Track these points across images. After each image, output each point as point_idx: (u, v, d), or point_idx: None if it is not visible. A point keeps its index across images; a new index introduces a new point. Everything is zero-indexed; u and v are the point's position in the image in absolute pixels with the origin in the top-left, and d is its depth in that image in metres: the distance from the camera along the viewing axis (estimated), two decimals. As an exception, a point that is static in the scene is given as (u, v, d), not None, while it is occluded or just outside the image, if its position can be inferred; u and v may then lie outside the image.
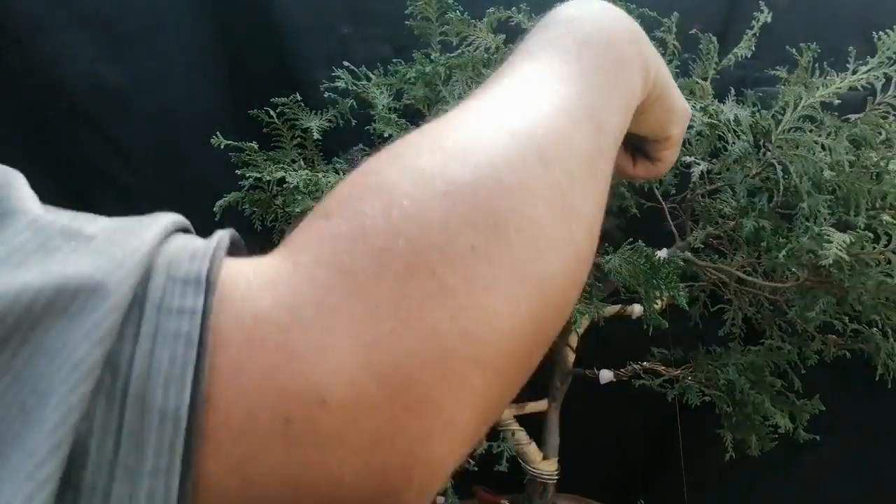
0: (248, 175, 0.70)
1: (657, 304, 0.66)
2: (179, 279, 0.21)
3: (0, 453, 0.18)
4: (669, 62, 0.74)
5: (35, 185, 0.82)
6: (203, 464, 0.19)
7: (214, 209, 0.74)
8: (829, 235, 0.57)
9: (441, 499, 0.72)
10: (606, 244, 0.68)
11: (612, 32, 0.35)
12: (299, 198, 0.60)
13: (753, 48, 0.71)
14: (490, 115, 0.28)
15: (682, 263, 0.63)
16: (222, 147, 0.72)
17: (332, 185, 0.63)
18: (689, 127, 0.68)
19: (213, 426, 0.19)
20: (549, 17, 0.36)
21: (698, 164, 0.64)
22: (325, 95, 0.73)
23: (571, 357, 0.80)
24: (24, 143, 0.86)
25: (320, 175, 0.62)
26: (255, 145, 0.71)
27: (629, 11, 0.70)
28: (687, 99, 0.70)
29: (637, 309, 0.75)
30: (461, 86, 0.68)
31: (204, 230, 0.91)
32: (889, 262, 0.58)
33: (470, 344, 0.22)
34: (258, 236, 0.79)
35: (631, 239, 0.63)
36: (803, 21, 0.81)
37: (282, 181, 0.65)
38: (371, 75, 0.75)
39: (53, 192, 0.87)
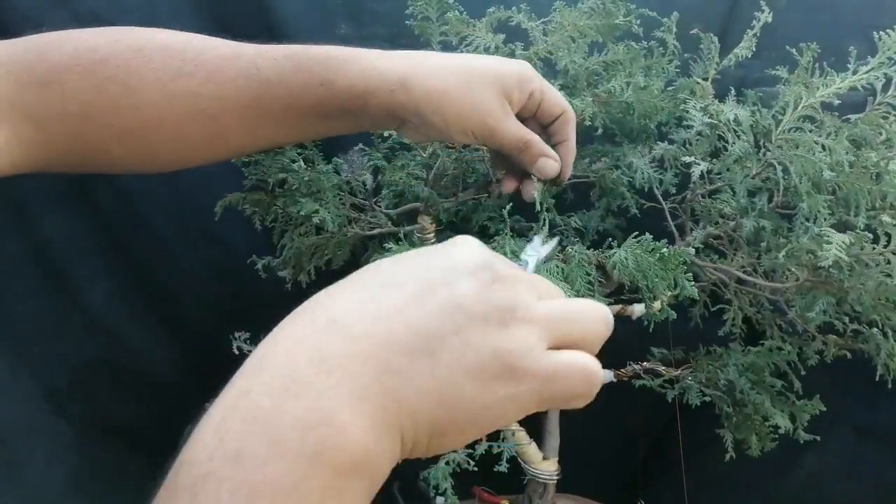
0: (250, 175, 0.70)
1: (664, 297, 0.65)
2: None
3: None
4: (670, 62, 0.74)
5: (37, 186, 0.82)
6: None
7: (215, 209, 0.74)
8: (828, 236, 0.57)
9: (441, 499, 0.72)
10: (610, 239, 0.68)
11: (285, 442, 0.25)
12: (301, 199, 0.60)
13: (754, 48, 0.71)
14: None
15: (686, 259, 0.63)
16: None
17: (334, 186, 0.63)
18: (689, 127, 0.68)
19: None
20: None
21: (698, 164, 0.64)
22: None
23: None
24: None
25: (322, 176, 0.62)
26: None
27: (629, 12, 0.70)
28: (687, 99, 0.71)
29: (637, 309, 0.75)
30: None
31: (203, 230, 0.91)
32: (889, 262, 0.58)
33: None
34: (258, 236, 0.79)
35: (636, 233, 0.62)
36: (804, 21, 0.80)
37: (283, 182, 0.64)
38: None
39: (56, 191, 0.88)
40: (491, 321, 0.29)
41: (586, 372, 0.32)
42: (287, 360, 0.27)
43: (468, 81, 0.50)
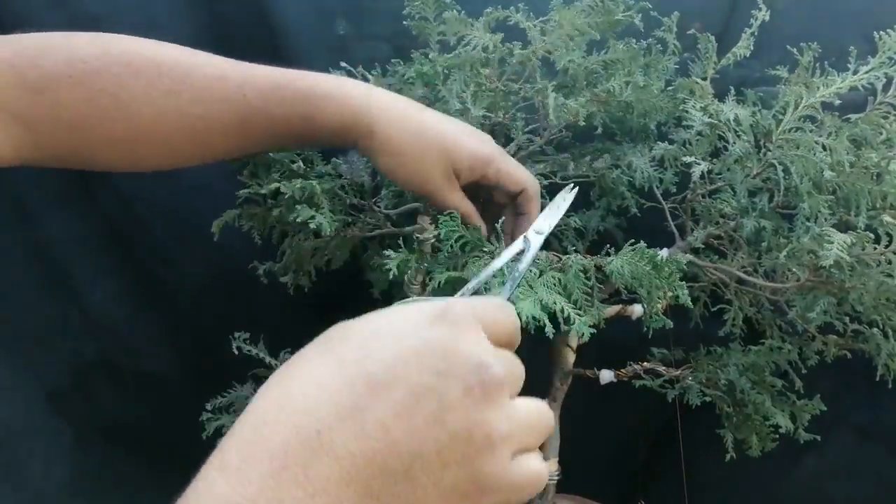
0: (246, 185, 0.70)
1: (659, 304, 0.65)
2: None
3: None
4: (669, 61, 0.74)
5: (38, 186, 0.82)
6: None
7: (213, 230, 0.74)
8: (829, 236, 0.57)
9: (441, 499, 0.72)
10: (608, 244, 0.68)
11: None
12: (297, 207, 0.60)
13: (753, 47, 0.71)
14: None
15: (685, 266, 0.63)
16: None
17: (326, 191, 0.63)
18: (689, 127, 0.67)
19: None
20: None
21: (698, 164, 0.64)
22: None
23: (571, 357, 0.80)
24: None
25: (314, 182, 0.62)
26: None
27: (628, 8, 0.69)
28: (687, 98, 0.71)
29: (637, 309, 0.74)
30: (459, 85, 0.68)
31: (201, 235, 0.90)
32: (890, 262, 0.58)
33: None
34: (258, 250, 0.79)
35: (632, 240, 0.62)
36: (804, 20, 0.80)
37: (277, 193, 0.64)
38: (369, 75, 0.74)
39: (57, 192, 0.87)
40: (473, 443, 0.30)
41: (540, 479, 0.33)
42: (274, 474, 0.27)
43: (421, 151, 0.56)
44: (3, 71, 0.46)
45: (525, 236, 0.51)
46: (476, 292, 0.47)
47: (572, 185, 0.59)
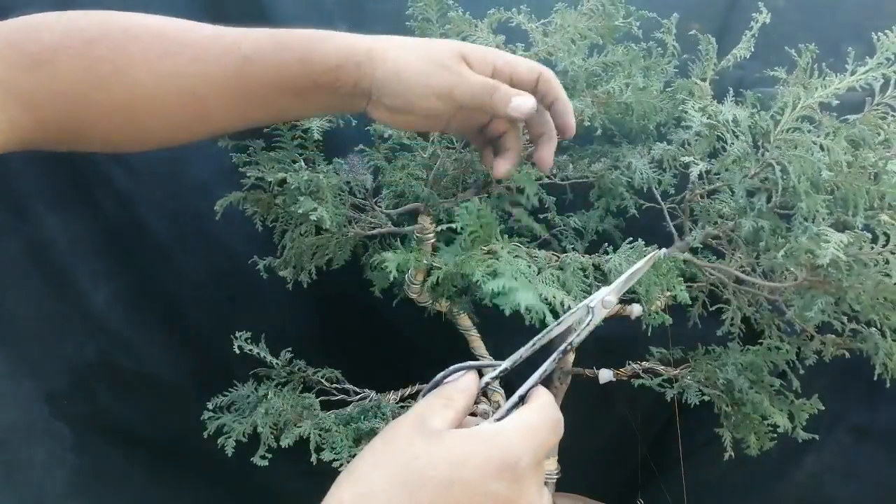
0: (249, 175, 0.70)
1: (658, 302, 0.66)
2: None
3: None
4: (669, 62, 0.74)
5: (38, 187, 0.82)
6: None
7: (216, 208, 0.74)
8: (826, 235, 0.57)
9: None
10: (606, 244, 0.68)
11: None
12: (300, 198, 0.60)
13: (752, 49, 0.71)
14: None
15: (682, 265, 0.63)
16: (228, 147, 0.72)
17: (333, 186, 0.63)
18: (688, 127, 0.68)
19: None
20: None
21: (697, 165, 0.65)
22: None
23: (571, 357, 0.80)
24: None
25: (321, 176, 0.62)
26: (261, 143, 0.71)
27: (629, 13, 0.70)
28: (686, 99, 0.71)
29: (636, 309, 0.75)
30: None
31: (202, 234, 0.90)
32: (887, 261, 0.59)
33: None
34: (256, 240, 0.79)
35: (630, 238, 0.63)
36: (802, 22, 0.81)
37: (283, 182, 0.65)
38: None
39: (55, 194, 0.87)
40: None
41: None
42: None
43: (427, 48, 0.53)
44: (2, 49, 0.46)
45: (589, 305, 0.47)
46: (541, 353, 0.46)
47: (660, 248, 0.58)
